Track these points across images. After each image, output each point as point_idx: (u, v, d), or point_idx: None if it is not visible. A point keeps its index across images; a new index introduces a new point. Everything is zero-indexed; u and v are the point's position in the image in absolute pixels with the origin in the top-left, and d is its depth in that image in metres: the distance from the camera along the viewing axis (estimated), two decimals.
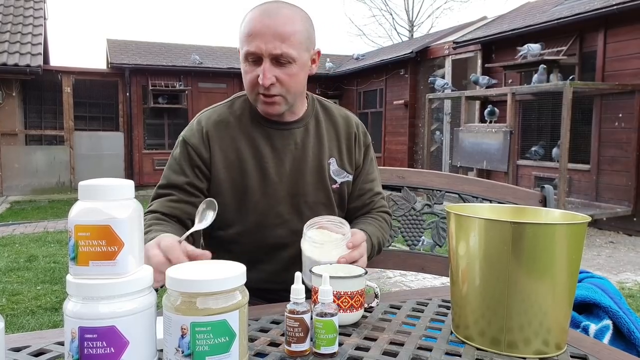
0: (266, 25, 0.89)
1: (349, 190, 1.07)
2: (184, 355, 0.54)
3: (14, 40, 7.74)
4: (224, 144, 0.99)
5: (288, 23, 0.90)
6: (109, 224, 0.54)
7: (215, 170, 0.99)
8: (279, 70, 0.92)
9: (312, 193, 1.01)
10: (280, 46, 0.89)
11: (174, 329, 0.54)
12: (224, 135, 1.00)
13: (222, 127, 1.00)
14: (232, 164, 0.99)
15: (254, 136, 1.00)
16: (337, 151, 1.05)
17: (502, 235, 0.66)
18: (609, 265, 3.98)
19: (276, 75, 0.92)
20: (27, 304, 2.93)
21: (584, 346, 0.72)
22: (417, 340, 0.71)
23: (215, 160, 0.99)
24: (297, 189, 1.01)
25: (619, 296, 1.14)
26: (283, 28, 0.90)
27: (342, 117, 1.08)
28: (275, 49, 0.89)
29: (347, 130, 1.07)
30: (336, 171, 1.03)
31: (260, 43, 0.89)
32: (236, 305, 0.55)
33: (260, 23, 0.90)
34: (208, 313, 0.54)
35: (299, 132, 1.02)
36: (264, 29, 0.89)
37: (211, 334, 0.54)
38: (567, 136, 4.76)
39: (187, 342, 0.54)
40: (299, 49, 0.92)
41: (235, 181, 0.99)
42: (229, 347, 0.55)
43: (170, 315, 0.55)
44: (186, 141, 1.00)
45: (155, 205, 0.98)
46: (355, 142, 1.07)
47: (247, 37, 0.91)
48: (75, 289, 0.54)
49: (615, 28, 5.24)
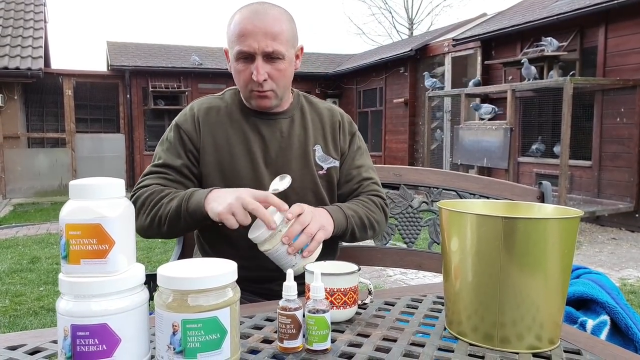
0: (257, 25, 0.95)
1: (337, 176, 1.10)
2: (176, 352, 0.54)
3: (15, 44, 7.77)
4: (213, 128, 1.04)
5: (276, 22, 0.97)
6: (100, 222, 0.54)
7: (204, 153, 1.03)
8: (270, 66, 0.98)
9: (298, 179, 1.03)
10: (272, 44, 0.95)
11: (165, 326, 0.55)
12: (214, 120, 1.05)
13: (212, 112, 1.06)
14: (221, 147, 1.03)
15: (242, 124, 1.05)
16: (322, 138, 1.09)
17: (494, 230, 0.66)
18: (611, 262, 3.97)
19: (267, 72, 0.98)
20: (29, 305, 2.95)
21: (577, 341, 0.72)
22: (410, 337, 0.71)
23: (205, 143, 1.03)
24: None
25: (617, 292, 1.14)
26: (272, 27, 0.96)
27: (327, 108, 1.13)
28: (267, 46, 0.95)
29: (331, 119, 1.11)
30: (322, 157, 1.07)
31: (253, 42, 0.95)
32: (227, 302, 0.56)
33: (251, 23, 0.95)
34: (199, 310, 0.54)
35: (285, 122, 1.07)
36: (255, 28, 0.95)
37: (202, 331, 0.54)
38: (568, 132, 4.74)
39: (179, 339, 0.54)
40: (287, 46, 0.99)
41: (224, 164, 1.02)
42: (220, 344, 0.55)
43: (161, 312, 0.55)
44: (179, 126, 1.04)
45: (151, 180, 1.00)
46: (340, 129, 1.11)
47: (239, 37, 0.96)
48: (67, 287, 0.55)
49: (616, 23, 5.22)
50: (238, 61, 0.99)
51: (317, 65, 11.03)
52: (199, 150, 1.03)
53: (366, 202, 1.07)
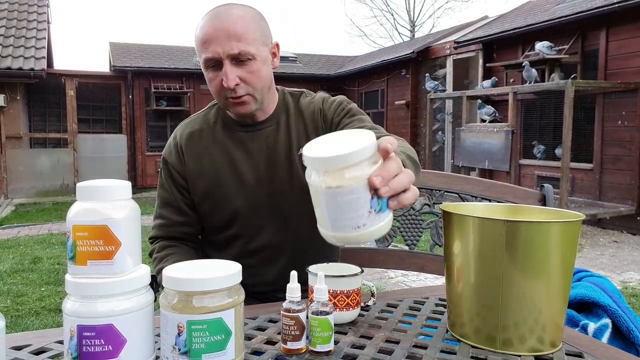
0: (218, 28, 0.89)
1: None
2: (181, 353, 0.55)
3: (18, 45, 7.80)
4: (197, 155, 1.02)
5: (239, 22, 0.90)
6: (106, 224, 0.55)
7: (192, 182, 1.02)
8: (241, 69, 0.91)
9: (289, 191, 1.00)
10: (237, 45, 0.89)
11: (170, 327, 0.55)
12: (197, 146, 1.02)
13: (194, 138, 1.03)
14: (206, 173, 1.01)
15: (226, 142, 1.01)
16: (305, 140, 1.01)
17: (496, 233, 0.67)
18: (612, 265, 3.97)
19: (239, 75, 0.91)
20: (31, 305, 2.96)
21: (579, 344, 0.72)
22: (412, 339, 0.71)
23: (191, 172, 1.02)
24: (273, 188, 1.00)
25: (618, 295, 1.14)
26: (235, 27, 0.89)
27: (308, 103, 1.05)
28: (232, 49, 0.89)
29: (312, 114, 1.03)
30: None
31: (216, 47, 0.89)
32: (232, 304, 0.56)
33: (212, 27, 0.90)
34: (204, 311, 0.55)
35: (270, 130, 1.01)
36: (216, 32, 0.89)
37: (207, 332, 0.55)
38: (569, 135, 4.75)
39: (184, 340, 0.55)
40: (256, 45, 0.92)
41: (212, 190, 1.00)
42: (224, 345, 0.56)
43: (167, 313, 0.56)
44: (166, 160, 1.05)
45: (156, 231, 1.05)
46: (321, 117, 1.02)
47: (203, 45, 0.91)
48: (73, 288, 0.55)
49: (617, 26, 5.22)
50: (207, 70, 0.93)
51: (319, 67, 11.05)
52: (187, 181, 1.02)
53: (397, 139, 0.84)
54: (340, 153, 0.54)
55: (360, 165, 0.54)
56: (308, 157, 0.57)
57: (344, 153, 0.54)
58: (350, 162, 0.54)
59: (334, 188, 0.54)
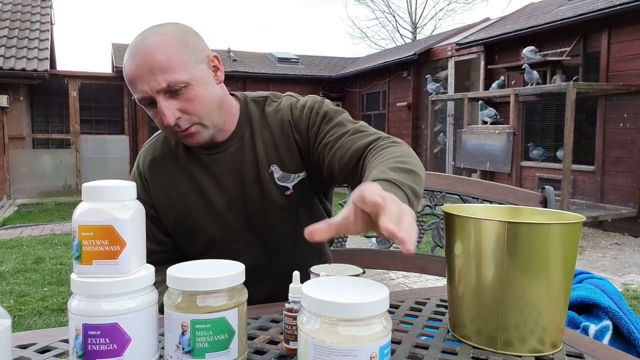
0: (139, 64, 0.80)
1: (314, 185, 0.95)
2: (184, 352, 0.55)
3: (21, 46, 7.83)
4: (163, 184, 0.94)
5: (159, 51, 0.80)
6: (112, 224, 0.56)
7: (161, 212, 0.95)
8: (177, 101, 0.82)
9: (262, 211, 0.92)
10: (163, 77, 0.80)
11: (174, 326, 0.56)
12: (161, 174, 0.94)
13: (157, 164, 0.95)
14: (175, 202, 0.93)
15: (191, 169, 0.93)
16: (276, 156, 0.92)
17: (497, 235, 0.67)
18: (614, 267, 3.96)
19: (178, 108, 0.82)
20: (34, 305, 2.97)
21: (580, 345, 0.72)
22: (414, 339, 0.72)
23: (158, 202, 0.94)
24: (245, 212, 0.93)
25: (619, 297, 1.15)
26: (156, 59, 0.80)
27: (275, 111, 0.94)
28: (160, 83, 0.80)
29: (280, 127, 0.92)
30: (282, 177, 0.92)
31: (143, 85, 0.81)
32: (235, 304, 0.57)
33: (133, 65, 0.81)
34: (208, 311, 0.55)
35: (235, 149, 0.92)
36: (138, 69, 0.81)
37: (211, 331, 0.55)
38: (571, 137, 4.75)
39: (187, 339, 0.55)
40: (187, 69, 0.82)
41: (183, 219, 0.93)
42: (228, 344, 0.56)
43: (170, 312, 0.56)
44: None
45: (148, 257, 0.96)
46: (292, 131, 0.92)
47: (130, 85, 0.83)
48: (79, 287, 0.56)
49: (619, 28, 5.22)
50: (146, 108, 0.86)
51: (320, 69, 11.08)
52: (158, 210, 0.94)
53: (377, 156, 0.78)
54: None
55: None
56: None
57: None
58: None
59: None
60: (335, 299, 0.48)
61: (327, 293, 0.50)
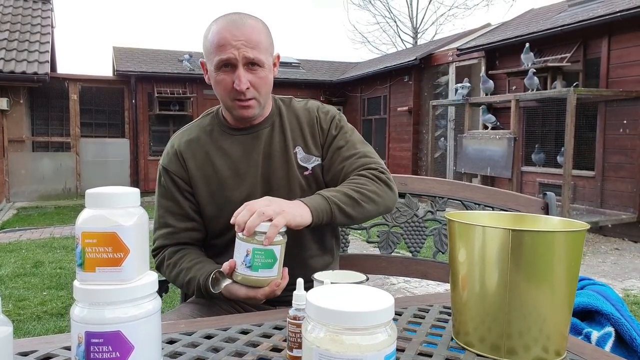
0: (236, 34, 0.95)
1: (323, 173, 1.08)
2: (246, 267, 0.84)
3: (22, 48, 7.85)
4: (198, 161, 1.05)
5: (254, 31, 0.97)
6: (115, 231, 0.55)
7: (196, 187, 1.04)
8: (251, 75, 0.98)
9: (285, 186, 1.03)
10: (252, 52, 0.96)
11: (242, 251, 0.84)
12: (197, 152, 1.05)
13: (193, 144, 1.06)
14: (209, 178, 1.04)
15: (225, 147, 1.05)
16: (301, 139, 1.07)
17: (502, 242, 0.67)
18: (614, 272, 3.95)
19: (250, 80, 0.97)
20: (33, 310, 2.95)
21: (583, 353, 0.72)
22: (417, 347, 0.71)
23: (194, 177, 1.04)
24: (270, 186, 1.04)
25: (621, 303, 1.14)
26: (251, 36, 0.96)
27: (303, 108, 1.11)
28: (248, 55, 0.96)
29: (308, 117, 1.09)
30: (304, 158, 1.06)
31: (234, 50, 0.95)
32: (280, 242, 0.84)
33: (229, 32, 0.96)
34: (263, 242, 0.83)
35: (266, 131, 1.06)
36: (235, 37, 0.95)
37: (263, 256, 0.83)
38: (571, 143, 4.75)
39: (250, 259, 0.83)
40: (266, 54, 0.99)
41: (215, 194, 1.03)
42: (272, 265, 0.84)
43: (240, 242, 0.84)
44: (167, 169, 1.06)
45: (161, 241, 1.05)
46: (317, 124, 1.08)
47: (219, 47, 0.96)
48: (82, 295, 0.56)
49: (619, 35, 5.24)
50: (218, 71, 0.98)
51: (322, 73, 11.09)
52: (192, 186, 1.05)
53: (353, 178, 1.00)
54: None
55: None
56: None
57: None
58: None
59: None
60: (341, 308, 0.48)
61: (332, 301, 0.50)
